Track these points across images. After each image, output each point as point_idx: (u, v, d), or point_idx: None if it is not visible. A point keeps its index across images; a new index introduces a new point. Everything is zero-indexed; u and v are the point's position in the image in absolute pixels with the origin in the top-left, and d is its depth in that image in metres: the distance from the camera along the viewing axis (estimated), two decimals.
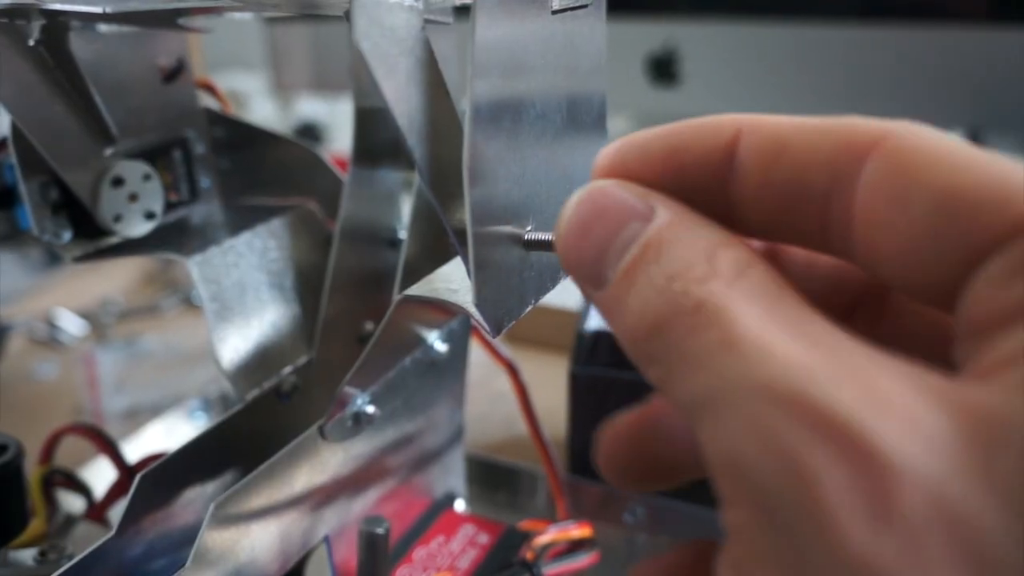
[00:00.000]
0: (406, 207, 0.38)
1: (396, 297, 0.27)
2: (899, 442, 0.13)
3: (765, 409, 0.14)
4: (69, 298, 0.74)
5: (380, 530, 0.20)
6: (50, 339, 0.69)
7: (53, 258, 0.79)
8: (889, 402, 0.14)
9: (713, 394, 0.15)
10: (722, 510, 0.15)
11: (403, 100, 0.21)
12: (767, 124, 0.18)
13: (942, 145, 0.16)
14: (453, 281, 0.27)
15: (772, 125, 0.18)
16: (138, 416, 0.56)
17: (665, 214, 0.18)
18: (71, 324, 0.70)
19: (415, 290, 0.27)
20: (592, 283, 0.18)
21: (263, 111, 1.12)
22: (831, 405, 0.14)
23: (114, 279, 0.78)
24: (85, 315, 0.71)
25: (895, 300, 0.20)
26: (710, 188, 0.18)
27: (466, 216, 0.21)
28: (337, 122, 1.11)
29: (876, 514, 0.13)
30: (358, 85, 0.35)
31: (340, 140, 1.07)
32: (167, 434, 0.50)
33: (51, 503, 0.37)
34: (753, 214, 0.18)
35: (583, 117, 0.26)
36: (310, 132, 1.06)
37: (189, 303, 0.74)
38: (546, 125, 0.24)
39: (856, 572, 0.13)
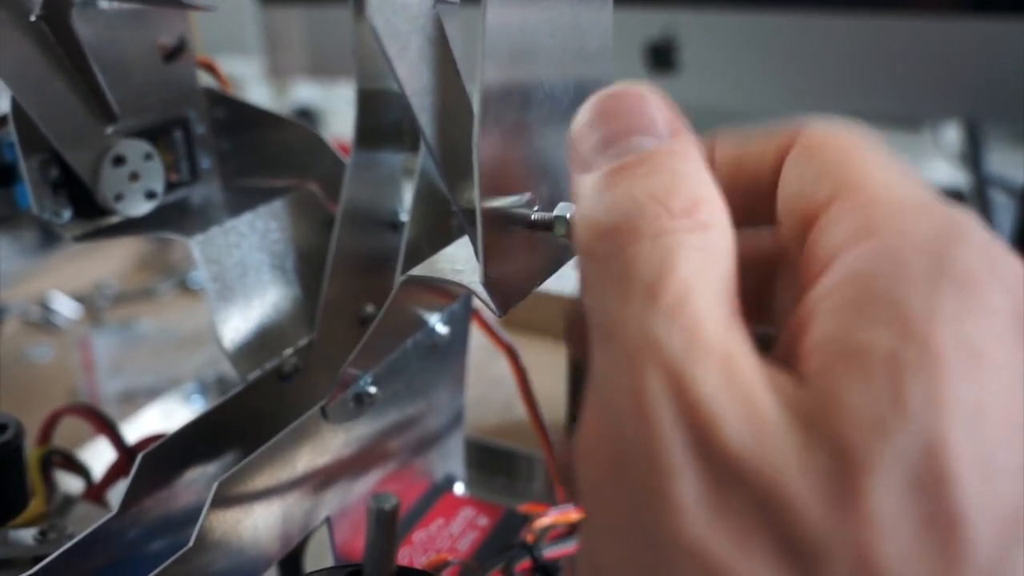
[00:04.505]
0: (407, 190, 0.38)
1: (400, 278, 0.27)
2: (745, 436, 0.14)
3: (645, 370, 0.15)
4: (64, 281, 0.74)
5: (389, 506, 0.20)
6: (44, 322, 0.69)
7: (48, 241, 0.79)
8: (745, 399, 0.14)
9: (614, 329, 0.16)
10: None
11: (415, 79, 0.21)
12: (730, 142, 0.21)
13: (835, 137, 0.19)
14: (457, 262, 0.27)
15: (732, 142, 0.21)
16: (134, 399, 0.56)
17: (679, 145, 0.18)
18: (65, 307, 0.70)
19: (419, 271, 0.27)
20: (582, 164, 0.19)
21: (258, 96, 1.12)
22: (701, 396, 0.14)
23: (109, 262, 0.78)
24: (80, 298, 0.71)
25: None
26: None
27: (475, 196, 0.21)
28: (333, 107, 1.10)
29: (714, 505, 0.14)
30: (361, 66, 0.34)
31: (336, 125, 1.06)
32: (164, 417, 0.50)
33: (50, 483, 0.37)
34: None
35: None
36: (306, 117, 1.06)
37: (184, 287, 0.73)
38: (554, 107, 0.24)
39: (686, 552, 0.14)
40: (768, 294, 0.22)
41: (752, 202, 0.21)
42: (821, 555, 0.13)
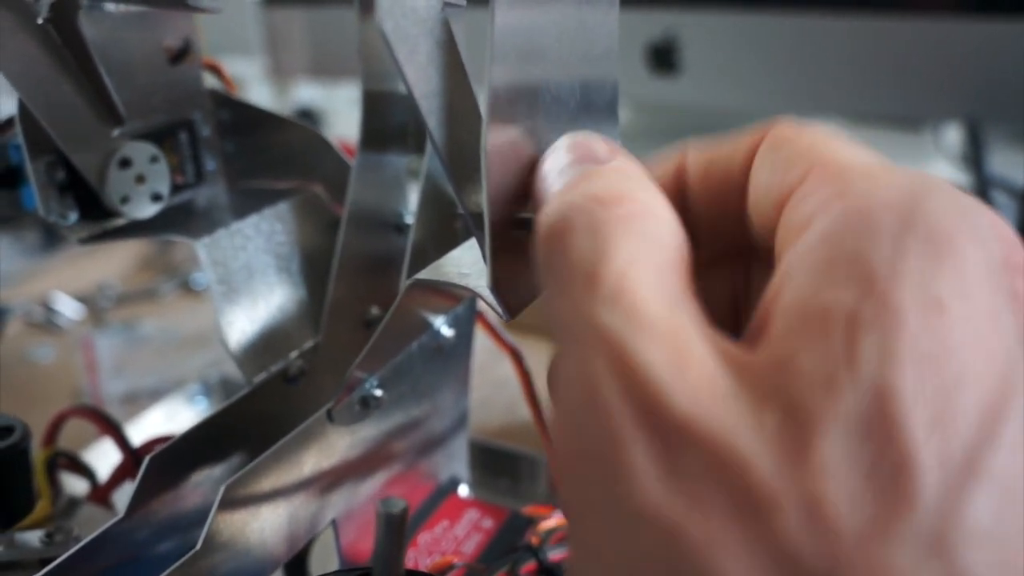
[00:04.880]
0: (412, 192, 0.38)
1: (406, 282, 0.27)
2: (691, 402, 0.15)
3: (591, 355, 0.16)
4: (66, 282, 0.74)
5: (397, 510, 0.20)
6: (47, 322, 0.69)
7: (50, 242, 0.79)
8: (691, 368, 0.15)
9: (563, 324, 0.17)
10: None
11: (423, 82, 0.21)
12: (700, 149, 0.22)
13: (804, 129, 0.19)
14: (464, 265, 0.27)
15: (703, 148, 0.22)
16: (137, 400, 0.56)
17: (617, 162, 0.20)
18: (68, 308, 0.70)
19: (426, 274, 0.27)
20: (541, 198, 0.21)
21: (260, 97, 1.12)
22: (644, 368, 0.15)
23: (111, 263, 0.78)
24: (82, 299, 0.71)
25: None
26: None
27: (483, 199, 0.21)
28: (334, 107, 1.10)
29: (668, 471, 0.14)
30: (367, 67, 0.34)
31: (338, 126, 1.06)
32: (168, 418, 0.50)
33: (55, 485, 0.37)
34: (702, 221, 0.22)
35: (596, 101, 0.26)
36: (307, 117, 1.06)
37: (187, 288, 0.73)
38: (560, 109, 0.24)
39: (648, 521, 0.14)
40: (747, 299, 0.23)
41: (726, 202, 0.21)
42: (773, 506, 0.13)
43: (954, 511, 0.13)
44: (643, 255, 0.17)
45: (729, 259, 0.23)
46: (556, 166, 0.21)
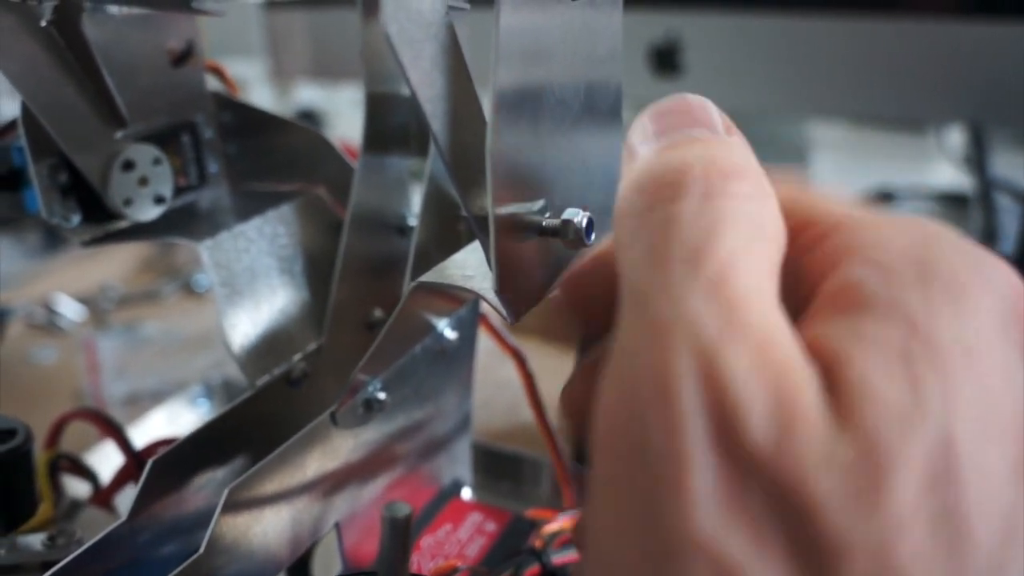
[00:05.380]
0: (415, 195, 0.38)
1: (411, 284, 0.27)
2: (766, 428, 0.13)
3: (674, 348, 0.14)
4: (68, 283, 0.74)
5: (402, 514, 0.20)
6: (49, 324, 0.68)
7: (52, 243, 0.79)
8: (777, 387, 0.14)
9: (646, 297, 0.15)
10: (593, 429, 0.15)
11: (428, 85, 0.21)
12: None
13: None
14: (468, 267, 0.27)
15: None
16: (139, 402, 0.56)
17: (736, 138, 0.18)
18: (70, 309, 0.70)
19: (430, 277, 0.27)
20: (633, 155, 0.18)
21: (261, 98, 1.12)
22: (730, 384, 0.14)
23: (113, 265, 0.78)
24: (84, 300, 0.71)
25: None
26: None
27: (488, 202, 0.21)
28: (336, 109, 1.10)
29: (731, 502, 0.13)
30: (370, 69, 0.34)
31: (339, 127, 1.06)
32: (170, 421, 0.50)
33: (57, 488, 0.37)
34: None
35: (599, 104, 0.26)
36: (309, 119, 1.06)
37: (189, 289, 0.73)
38: (565, 112, 0.24)
39: (699, 553, 0.13)
40: None
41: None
42: (840, 555, 0.13)
43: (1005, 567, 0.13)
44: (755, 246, 0.15)
45: None
46: (664, 123, 0.18)
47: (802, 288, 0.17)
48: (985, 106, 0.67)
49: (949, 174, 0.82)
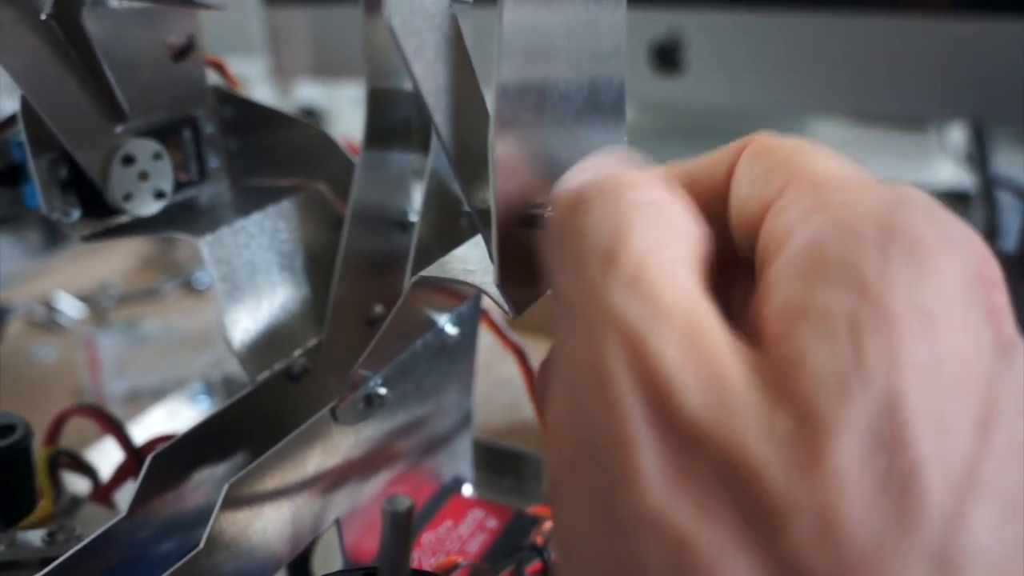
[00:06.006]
0: (416, 191, 0.38)
1: (412, 279, 0.27)
2: (705, 402, 0.14)
3: (604, 341, 0.15)
4: (68, 281, 0.73)
5: (403, 508, 0.20)
6: (49, 322, 0.68)
7: (52, 240, 0.79)
8: (707, 366, 0.15)
9: (573, 302, 0.16)
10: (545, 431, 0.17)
11: (431, 78, 0.21)
12: (679, 165, 0.22)
13: (782, 141, 0.19)
14: (469, 262, 0.27)
15: (682, 164, 0.22)
16: (139, 400, 0.56)
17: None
18: (70, 307, 0.69)
19: (431, 272, 0.26)
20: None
21: (262, 96, 1.11)
22: (661, 363, 0.14)
23: (113, 262, 0.78)
24: (84, 298, 0.71)
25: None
26: None
27: (490, 196, 0.21)
28: (337, 107, 1.10)
29: (676, 474, 0.14)
30: (372, 64, 0.34)
31: (340, 125, 1.06)
32: (170, 418, 0.50)
33: (57, 484, 0.37)
34: None
35: (602, 99, 0.26)
36: (310, 117, 1.06)
37: (189, 287, 0.73)
38: (568, 107, 0.24)
39: (652, 527, 0.14)
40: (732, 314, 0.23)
41: (709, 215, 0.21)
42: (784, 517, 0.13)
43: (958, 526, 0.13)
44: (664, 242, 0.16)
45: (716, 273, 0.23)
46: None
47: (772, 244, 0.17)
48: (986, 103, 0.67)
49: (950, 172, 0.82)
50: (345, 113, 1.11)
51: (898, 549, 0.13)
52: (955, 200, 0.76)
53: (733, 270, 0.22)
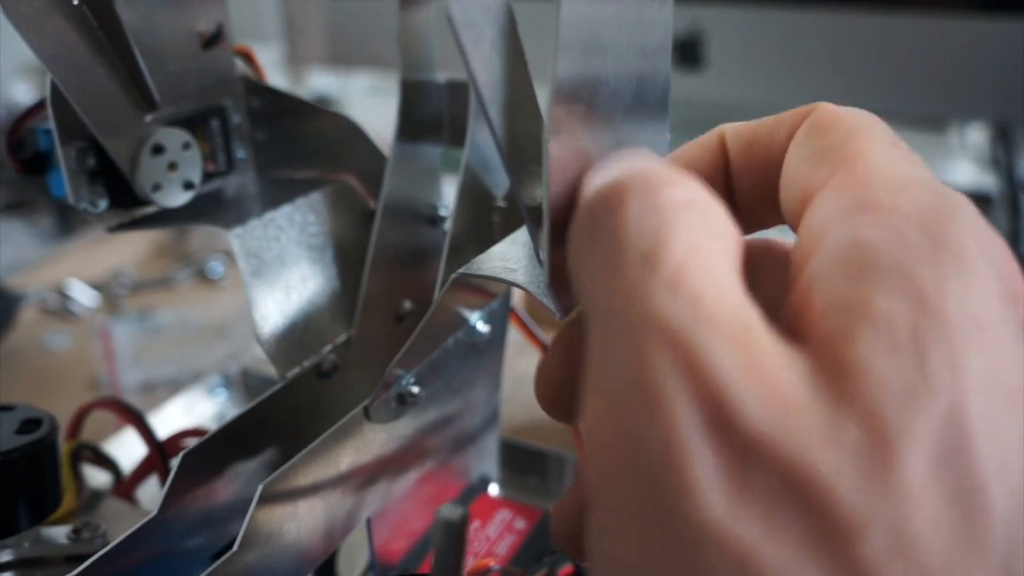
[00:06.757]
0: (446, 185, 0.37)
1: (451, 276, 0.26)
2: (766, 413, 0.13)
3: (648, 345, 0.14)
4: (80, 269, 0.73)
5: (458, 516, 0.19)
6: (62, 310, 0.68)
7: (64, 228, 0.78)
8: (763, 372, 0.14)
9: (609, 305, 0.15)
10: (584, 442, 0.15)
11: (487, 70, 0.20)
12: (741, 125, 0.22)
13: (843, 118, 0.19)
14: (509, 260, 0.26)
15: (744, 124, 0.22)
16: (154, 390, 0.56)
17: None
18: (83, 295, 0.69)
19: (471, 269, 0.26)
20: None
21: (274, 83, 1.11)
22: (714, 371, 0.14)
23: (126, 250, 0.77)
24: (97, 286, 0.70)
25: None
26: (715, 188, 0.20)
27: (543, 193, 0.21)
28: (349, 96, 1.09)
29: (738, 489, 0.13)
30: (406, 57, 0.34)
31: (352, 114, 1.05)
32: (187, 411, 0.49)
33: (78, 479, 0.36)
34: (743, 199, 0.21)
35: (648, 96, 0.25)
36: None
37: (202, 276, 0.73)
38: (617, 103, 0.23)
39: (714, 544, 0.13)
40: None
41: (766, 181, 0.21)
42: (856, 531, 0.13)
43: (1020, 538, 0.13)
44: (705, 243, 0.15)
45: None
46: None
47: (811, 236, 0.17)
48: (1010, 104, 0.66)
49: (970, 173, 0.81)
50: (357, 102, 1.10)
51: (969, 563, 0.13)
52: (976, 202, 0.76)
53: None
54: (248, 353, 0.59)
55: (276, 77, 1.09)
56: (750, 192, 0.21)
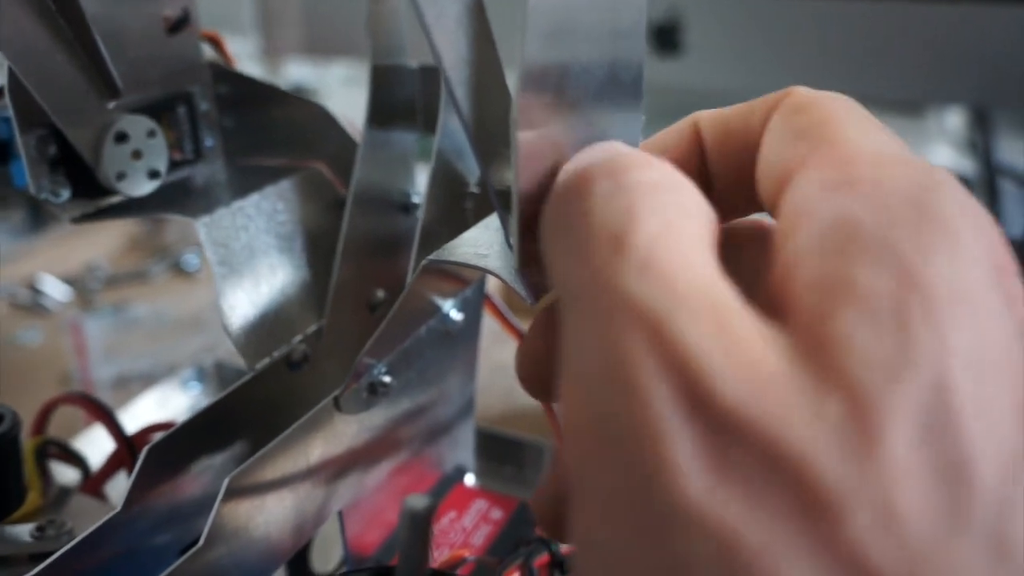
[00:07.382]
0: (419, 172, 0.36)
1: (422, 262, 0.26)
2: (743, 389, 0.13)
3: (619, 326, 0.14)
4: (53, 263, 0.72)
5: (423, 507, 0.19)
6: (33, 305, 0.67)
7: (37, 221, 0.77)
8: (738, 348, 0.14)
9: (579, 290, 0.15)
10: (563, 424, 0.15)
11: (452, 49, 0.20)
12: (715, 112, 0.21)
13: (818, 100, 0.18)
14: (480, 246, 0.25)
15: (718, 111, 0.21)
16: (128, 385, 0.55)
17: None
18: (55, 290, 0.68)
19: (442, 255, 0.25)
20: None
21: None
22: (688, 349, 0.14)
23: (99, 244, 0.76)
24: (70, 281, 0.69)
25: None
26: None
27: (512, 176, 0.20)
28: (326, 87, 1.08)
29: (718, 468, 0.13)
30: (376, 42, 0.33)
31: (329, 104, 1.04)
32: (160, 405, 0.49)
33: (44, 475, 0.36)
34: (720, 186, 0.21)
35: (622, 78, 0.25)
36: None
37: (178, 269, 0.72)
38: (588, 86, 0.23)
39: (695, 525, 0.13)
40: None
41: (742, 167, 0.20)
42: (842, 508, 0.12)
43: (1008, 512, 0.13)
44: (676, 222, 0.15)
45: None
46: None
47: (792, 214, 0.17)
48: (988, 89, 0.66)
49: (949, 156, 0.81)
50: (335, 92, 1.09)
51: (957, 537, 0.13)
52: None
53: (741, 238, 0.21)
54: (223, 346, 0.58)
55: (251, 68, 1.08)
56: (726, 179, 0.21)
